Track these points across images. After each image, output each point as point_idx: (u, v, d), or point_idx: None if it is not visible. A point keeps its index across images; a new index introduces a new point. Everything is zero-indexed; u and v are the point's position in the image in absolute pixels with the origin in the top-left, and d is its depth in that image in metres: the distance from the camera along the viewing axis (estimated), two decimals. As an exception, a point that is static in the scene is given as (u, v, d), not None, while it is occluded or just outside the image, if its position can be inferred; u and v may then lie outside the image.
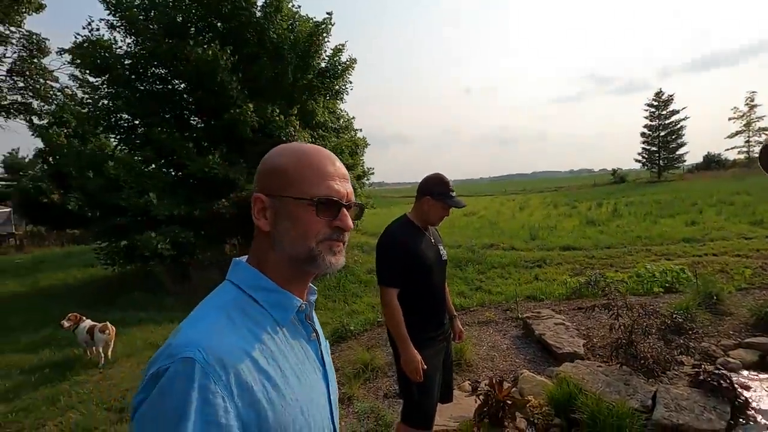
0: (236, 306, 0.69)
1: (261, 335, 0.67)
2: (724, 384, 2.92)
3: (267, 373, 0.64)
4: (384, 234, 2.17)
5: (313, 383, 0.74)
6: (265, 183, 0.74)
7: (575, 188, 42.00)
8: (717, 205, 14.92)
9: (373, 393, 3.57)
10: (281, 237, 0.72)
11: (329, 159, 0.76)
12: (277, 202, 0.72)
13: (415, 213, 2.22)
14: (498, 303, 6.02)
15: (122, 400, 3.84)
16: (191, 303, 3.24)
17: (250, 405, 0.59)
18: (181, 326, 0.66)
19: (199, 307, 0.70)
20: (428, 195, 2.14)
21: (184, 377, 0.56)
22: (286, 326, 0.73)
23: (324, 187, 0.72)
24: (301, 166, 0.73)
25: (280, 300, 0.72)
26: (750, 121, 46.89)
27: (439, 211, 2.16)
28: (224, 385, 0.58)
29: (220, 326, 0.64)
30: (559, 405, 3.01)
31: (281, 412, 0.63)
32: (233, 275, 0.75)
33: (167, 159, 8.85)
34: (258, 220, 0.74)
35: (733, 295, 5.12)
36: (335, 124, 11.21)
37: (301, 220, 0.72)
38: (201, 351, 0.58)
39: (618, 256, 8.42)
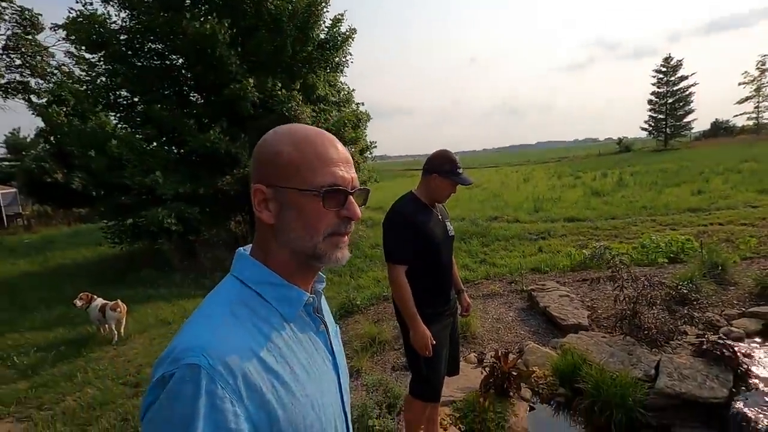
0: (241, 302, 0.67)
1: (268, 332, 0.65)
2: (726, 353, 2.96)
3: (276, 372, 0.63)
4: (390, 211, 2.17)
5: (323, 375, 0.73)
6: (265, 172, 0.70)
7: (580, 158, 41.56)
8: (724, 173, 14.75)
9: (380, 366, 3.66)
10: (286, 230, 0.69)
11: (331, 143, 0.71)
12: (280, 193, 0.69)
13: (421, 190, 2.20)
14: (502, 275, 6.07)
15: (137, 375, 3.97)
16: (199, 279, 3.34)
17: (260, 406, 0.59)
18: (184, 326, 0.64)
19: (203, 304, 0.68)
20: (435, 172, 2.12)
21: (191, 383, 0.55)
22: (293, 321, 0.71)
23: (329, 174, 0.68)
24: (303, 153, 0.68)
25: (287, 295, 0.70)
26: (760, 86, 45.67)
27: (447, 189, 2.14)
28: (232, 389, 0.57)
29: (226, 326, 0.62)
30: (563, 375, 3.08)
31: (291, 410, 0.62)
32: (237, 270, 0.72)
33: (168, 136, 8.79)
34: (260, 212, 0.70)
35: (738, 264, 5.13)
36: (336, 97, 11.02)
37: (307, 212, 0.68)
38: (206, 356, 0.57)
39: (623, 227, 8.40)
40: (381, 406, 2.82)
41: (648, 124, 43.80)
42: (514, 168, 36.05)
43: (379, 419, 2.67)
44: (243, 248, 0.77)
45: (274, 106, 8.48)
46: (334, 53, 10.10)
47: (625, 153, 40.10)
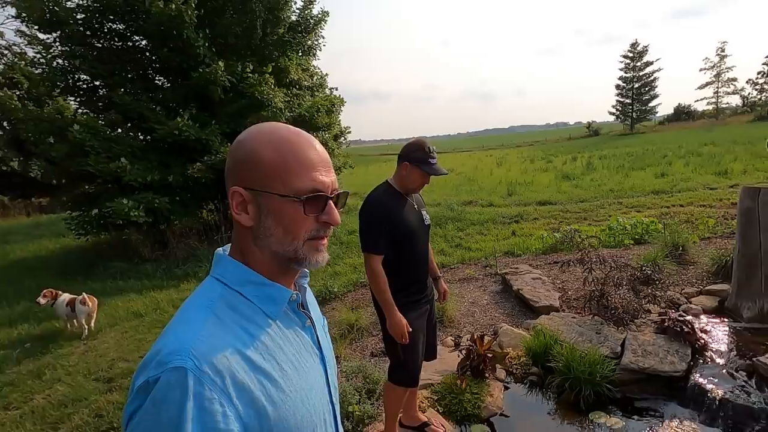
0: (224, 303, 0.66)
1: (253, 331, 0.65)
2: (686, 329, 3.14)
3: (263, 370, 0.63)
4: (366, 201, 2.16)
5: (311, 370, 0.73)
6: (243, 175, 0.68)
7: (551, 142, 42.44)
8: (685, 156, 15.40)
9: (359, 352, 3.70)
10: (266, 234, 0.69)
11: (311, 145, 0.70)
12: (259, 197, 0.68)
13: (395, 179, 2.19)
14: (477, 259, 6.20)
15: (110, 370, 3.87)
16: (171, 270, 3.27)
17: (250, 405, 0.59)
18: (167, 330, 0.63)
19: (185, 306, 0.67)
20: (407, 161, 2.11)
21: (177, 387, 0.54)
22: (278, 318, 0.71)
23: (309, 179, 0.68)
24: (283, 156, 0.67)
25: (270, 293, 0.70)
26: (720, 72, 47.57)
27: (419, 178, 2.13)
28: (221, 389, 0.56)
29: (209, 327, 0.61)
30: (536, 355, 3.20)
31: (281, 407, 0.63)
32: (217, 271, 0.71)
33: (134, 122, 8.43)
34: (238, 215, 0.69)
35: (697, 245, 5.41)
36: (309, 82, 10.80)
37: (287, 217, 0.68)
38: (192, 358, 0.56)
39: (591, 210, 8.69)
40: (360, 392, 2.86)
41: (615, 109, 45.11)
42: (488, 152, 36.50)
43: (359, 405, 2.72)
44: (221, 249, 0.76)
45: (245, 90, 8.23)
46: (306, 36, 9.87)
47: (594, 137, 41.25)
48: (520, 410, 2.84)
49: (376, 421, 2.63)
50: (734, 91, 46.01)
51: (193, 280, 6.44)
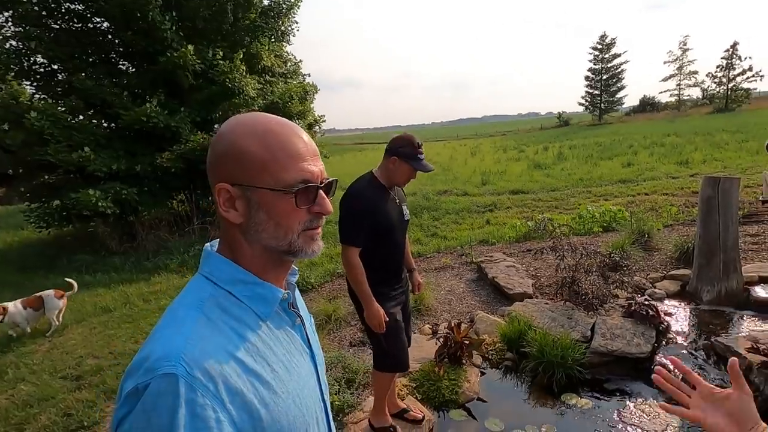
0: (214, 304, 0.64)
1: (244, 333, 0.64)
2: (651, 313, 3.29)
3: (255, 373, 0.61)
4: (350, 192, 2.14)
5: (302, 369, 0.72)
6: (228, 170, 0.65)
7: (524, 132, 43.20)
8: (650, 146, 16.00)
9: (338, 342, 3.70)
10: (258, 229, 0.67)
11: (297, 135, 0.68)
12: (248, 193, 0.65)
13: (381, 171, 2.17)
14: (453, 248, 6.28)
15: (77, 367, 3.73)
16: (140, 262, 3.16)
17: (243, 408, 0.58)
18: (156, 332, 0.61)
19: (173, 306, 0.65)
20: (395, 155, 2.09)
21: (168, 393, 0.52)
22: (269, 318, 0.69)
23: (298, 170, 0.65)
24: (270, 149, 0.64)
25: (261, 293, 0.68)
26: (682, 65, 49.39)
27: (406, 173, 2.12)
28: (213, 395, 0.55)
29: (200, 329, 0.60)
30: (510, 341, 3.28)
31: (274, 408, 0.62)
32: (205, 269, 0.69)
33: (97, 109, 8.04)
34: (226, 212, 0.66)
35: (661, 232, 5.65)
36: (282, 68, 10.56)
37: (279, 211, 0.66)
38: (183, 364, 0.54)
39: (562, 199, 8.94)
40: (340, 382, 2.88)
41: (585, 100, 46.22)
42: (462, 142, 36.84)
43: (339, 395, 2.73)
44: (209, 245, 0.73)
45: (215, 77, 7.97)
46: (279, 21, 9.61)
47: (565, 127, 42.23)
48: (496, 394, 2.92)
49: (356, 410, 2.65)
50: (695, 84, 47.97)
51: (165, 273, 6.27)
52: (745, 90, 39.59)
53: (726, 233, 3.60)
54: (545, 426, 2.56)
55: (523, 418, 2.66)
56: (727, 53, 40.44)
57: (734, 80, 39.97)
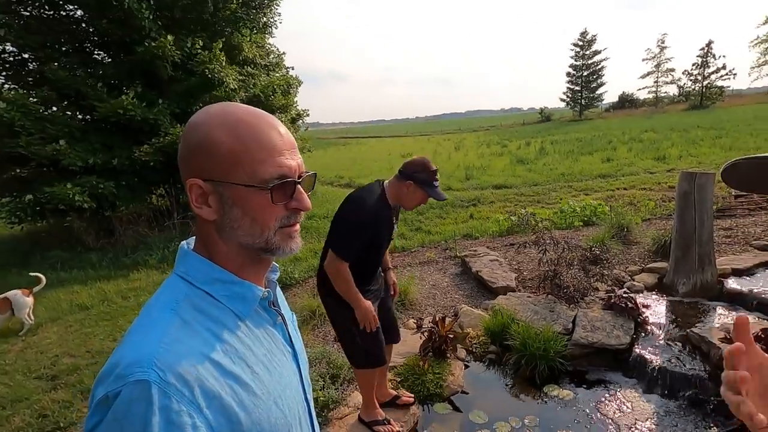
0: (189, 305, 0.61)
1: (222, 334, 0.61)
2: (630, 305, 3.37)
3: (234, 375, 0.59)
4: (357, 202, 2.09)
5: (284, 368, 0.70)
6: (200, 165, 0.62)
7: (506, 127, 43.61)
8: (628, 142, 16.32)
9: (322, 338, 3.69)
10: (232, 227, 0.64)
11: (272, 127, 0.64)
12: (221, 188, 0.62)
13: (392, 190, 2.14)
14: (437, 243, 6.31)
15: (53, 367, 3.63)
16: (119, 259, 3.07)
17: (221, 412, 0.56)
18: (128, 336, 0.59)
19: (147, 308, 0.62)
20: (411, 180, 2.07)
21: (141, 401, 0.50)
22: (248, 318, 0.67)
23: (274, 165, 0.62)
24: (243, 142, 0.61)
25: (239, 292, 0.66)
26: (660, 62, 50.49)
27: (418, 199, 2.13)
28: (189, 400, 0.53)
29: (174, 332, 0.57)
30: (494, 334, 3.32)
31: (254, 411, 0.60)
32: (181, 268, 0.66)
33: (71, 100, 7.76)
34: (199, 208, 0.63)
35: (639, 226, 5.78)
36: (265, 60, 10.38)
37: (254, 208, 0.63)
38: (155, 369, 0.52)
39: (544, 193, 9.06)
40: (324, 378, 2.86)
41: (566, 95, 46.87)
42: (446, 136, 36.98)
43: (323, 390, 2.72)
44: (185, 243, 0.70)
45: (194, 68, 7.78)
46: (261, 12, 9.43)
47: (546, 122, 42.76)
48: (480, 387, 2.96)
49: (341, 405, 2.64)
50: (672, 81, 49.12)
51: (144, 269, 6.13)
52: (719, 88, 40.72)
53: (701, 227, 3.70)
54: (528, 417, 2.60)
55: (507, 410, 2.70)
56: (703, 51, 41.53)
57: (709, 78, 41.07)
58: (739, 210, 6.13)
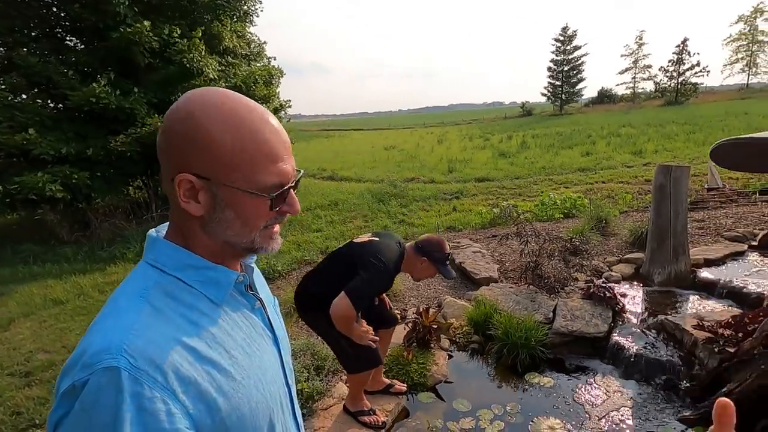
0: (160, 291, 0.59)
1: (196, 319, 0.60)
2: (608, 294, 3.46)
3: (211, 360, 0.58)
4: (384, 269, 2.11)
5: (264, 353, 0.70)
6: (190, 159, 0.58)
7: (489, 121, 43.95)
8: (607, 136, 16.65)
9: (306, 330, 3.66)
10: (223, 226, 0.62)
11: (271, 127, 0.61)
12: (216, 188, 0.59)
13: (407, 262, 2.29)
14: (420, 235, 6.33)
15: (26, 363, 3.52)
16: (94, 252, 3.00)
17: (198, 398, 0.55)
18: (94, 324, 0.56)
19: (113, 296, 0.60)
20: (426, 257, 2.25)
21: (110, 388, 0.48)
22: (224, 303, 0.65)
23: (275, 173, 0.61)
24: (244, 145, 0.58)
25: (213, 277, 0.64)
26: (637, 58, 51.57)
27: (429, 273, 2.31)
28: (163, 386, 0.51)
29: (144, 319, 0.55)
30: (477, 324, 3.37)
31: (233, 396, 0.59)
32: (150, 255, 0.63)
33: (42, 88, 7.47)
34: (186, 203, 0.60)
35: (617, 218, 5.93)
36: (245, 49, 10.17)
37: (248, 211, 0.62)
38: (125, 355, 0.50)
39: (525, 186, 9.19)
40: (309, 369, 2.86)
41: (547, 90, 47.43)
42: (429, 130, 37.04)
43: (308, 382, 2.71)
44: (154, 230, 0.68)
45: (172, 56, 7.57)
46: (242, 0, 9.22)
47: (528, 117, 43.24)
48: (463, 376, 3.00)
49: (325, 396, 2.65)
50: (649, 77, 50.26)
51: (122, 263, 5.98)
52: (693, 84, 41.85)
53: (676, 219, 3.82)
54: (510, 404, 2.65)
55: (489, 397, 2.74)
56: (678, 48, 42.54)
57: (684, 75, 42.14)
58: (712, 203, 6.34)
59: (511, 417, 2.55)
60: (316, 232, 6.91)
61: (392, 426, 2.50)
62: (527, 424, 2.49)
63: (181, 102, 0.61)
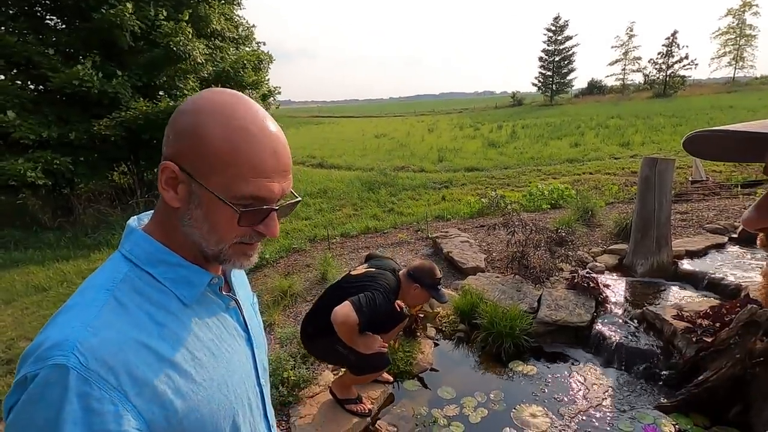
0: (128, 286, 0.58)
1: (161, 319, 0.59)
2: (591, 285, 3.51)
3: (171, 362, 0.57)
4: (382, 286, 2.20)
5: (234, 353, 0.68)
6: (180, 150, 0.58)
7: (479, 110, 43.89)
8: (596, 128, 16.79)
9: (293, 319, 3.67)
10: (192, 224, 0.61)
11: (273, 148, 0.59)
12: (194, 185, 0.58)
13: (402, 293, 2.36)
14: (409, 224, 6.36)
15: (8, 350, 3.48)
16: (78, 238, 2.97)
17: (153, 400, 0.54)
18: (55, 316, 0.55)
19: (81, 288, 0.59)
20: (419, 284, 2.31)
21: (56, 385, 0.48)
22: (194, 302, 0.63)
23: (254, 187, 0.58)
24: (233, 151, 0.56)
25: (186, 276, 0.62)
26: (627, 50, 51.75)
27: (422, 299, 2.39)
28: (112, 387, 0.51)
29: (106, 315, 0.54)
30: (463, 313, 3.40)
31: (192, 398, 0.58)
32: (126, 246, 0.62)
33: (21, 68, 7.23)
34: (165, 191, 0.59)
35: (603, 209, 6.01)
36: (233, 33, 9.95)
37: (217, 219, 0.60)
38: (77, 354, 0.50)
39: (514, 176, 9.25)
40: (295, 358, 2.86)
41: (538, 80, 47.45)
42: (419, 118, 36.91)
43: (294, 370, 2.72)
44: (134, 218, 0.66)
45: (158, 39, 7.38)
46: (229, -19, 8.99)
47: (518, 107, 43.28)
48: (449, 364, 3.04)
49: (311, 384, 2.66)
50: (638, 69, 50.53)
51: (106, 249, 5.90)
52: (681, 77, 42.21)
53: (660, 210, 3.88)
54: (494, 392, 2.70)
55: (474, 385, 2.79)
56: (668, 41, 42.77)
57: (672, 67, 42.45)
58: (695, 195, 6.46)
59: (494, 404, 2.60)
60: (304, 220, 6.88)
61: (378, 413, 2.53)
62: (510, 411, 2.54)
63: (197, 96, 0.60)
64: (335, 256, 4.91)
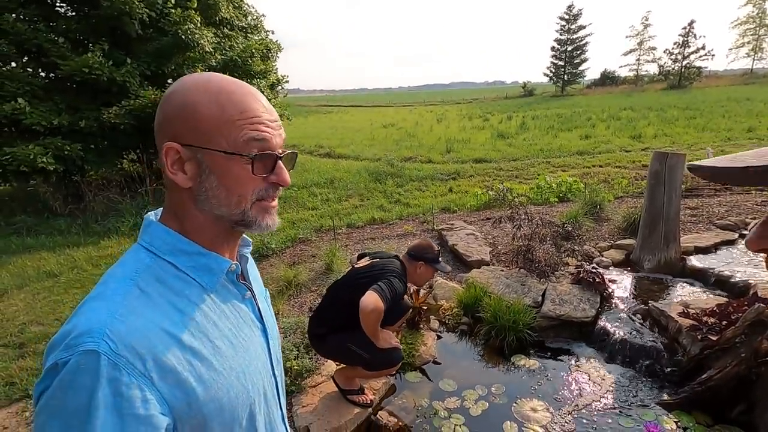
0: (150, 275, 0.60)
1: (183, 307, 0.61)
2: (597, 280, 3.49)
3: (193, 349, 0.59)
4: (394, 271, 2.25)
5: (251, 343, 0.70)
6: (178, 129, 0.60)
7: (489, 100, 43.42)
8: (607, 120, 16.52)
9: (297, 308, 3.71)
10: (208, 195, 0.62)
11: (255, 97, 0.63)
12: (199, 154, 0.61)
13: (408, 277, 2.39)
14: (415, 215, 6.35)
15: (20, 335, 3.55)
16: (88, 225, 3.00)
17: (176, 386, 0.56)
18: (82, 305, 0.57)
19: (104, 278, 0.61)
20: (422, 260, 2.39)
21: (88, 371, 0.50)
22: (214, 291, 0.66)
23: (254, 130, 0.61)
24: (223, 108, 0.60)
25: (206, 263, 0.64)
26: (642, 40, 50.63)
27: (428, 275, 2.47)
28: (140, 373, 0.53)
29: (131, 303, 0.56)
30: (467, 306, 3.41)
31: (212, 386, 0.60)
32: (145, 238, 0.64)
33: (32, 56, 7.28)
34: (174, 174, 0.61)
35: (612, 203, 5.94)
36: (242, 21, 9.90)
37: (232, 177, 0.62)
38: (107, 340, 0.51)
39: (522, 168, 9.16)
40: (299, 347, 2.90)
41: (549, 70, 46.71)
42: (428, 108, 36.61)
43: (297, 360, 2.75)
44: (152, 212, 0.68)
45: (166, 27, 7.36)
46: (238, -31, 8.92)
47: (529, 97, 42.70)
48: (451, 357, 3.05)
49: (314, 374, 2.69)
50: (653, 60, 49.45)
51: (115, 237, 5.98)
52: (697, 68, 41.23)
53: (669, 205, 3.83)
54: (495, 385, 2.71)
55: (475, 378, 2.80)
56: (685, 31, 41.72)
57: (688, 58, 41.46)
58: (706, 190, 6.35)
59: (496, 398, 2.61)
60: (311, 210, 6.90)
61: (379, 404, 2.55)
62: (511, 404, 2.55)
63: (176, 82, 0.64)
64: (341, 247, 4.92)
